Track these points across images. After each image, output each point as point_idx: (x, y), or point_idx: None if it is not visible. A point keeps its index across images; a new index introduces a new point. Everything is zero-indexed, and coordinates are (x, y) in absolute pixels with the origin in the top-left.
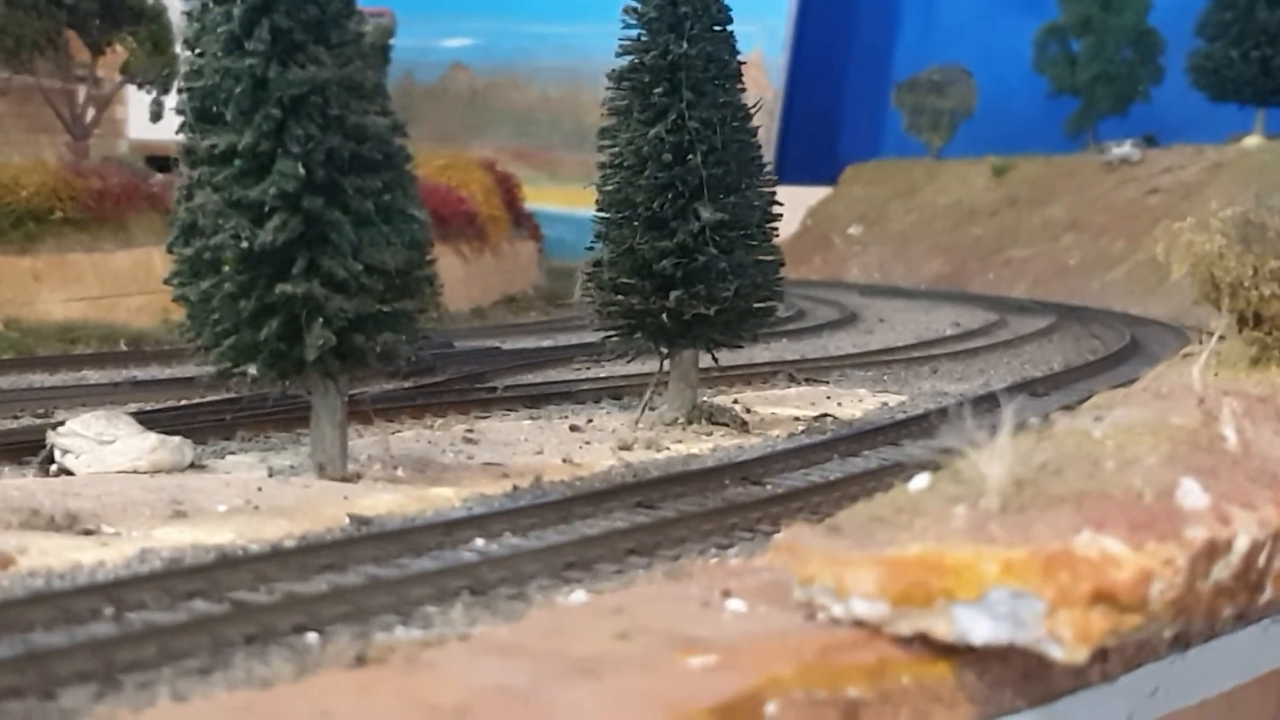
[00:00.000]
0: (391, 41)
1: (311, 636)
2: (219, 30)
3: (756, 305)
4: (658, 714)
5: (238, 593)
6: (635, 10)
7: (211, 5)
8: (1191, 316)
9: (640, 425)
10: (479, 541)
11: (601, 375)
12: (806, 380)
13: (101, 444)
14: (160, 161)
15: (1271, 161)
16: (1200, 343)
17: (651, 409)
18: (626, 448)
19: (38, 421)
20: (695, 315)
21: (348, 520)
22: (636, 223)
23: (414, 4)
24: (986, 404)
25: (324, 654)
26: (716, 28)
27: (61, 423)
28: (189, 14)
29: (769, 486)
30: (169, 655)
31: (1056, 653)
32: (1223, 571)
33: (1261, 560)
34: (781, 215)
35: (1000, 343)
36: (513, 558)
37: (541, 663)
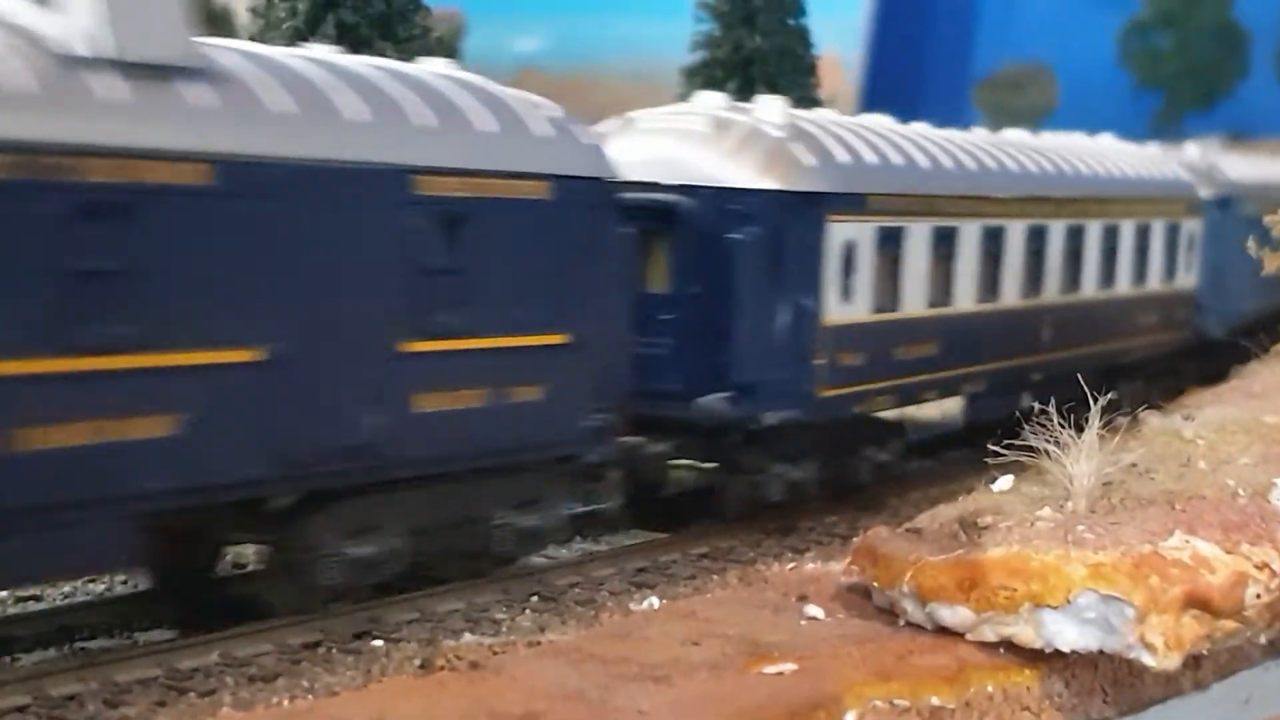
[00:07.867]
0: (461, 44)
1: (377, 643)
2: (284, 26)
3: None
4: None
5: None
6: (708, 4)
7: (277, 1)
8: None
9: None
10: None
11: None
12: None
13: None
14: None
15: None
16: None
17: None
18: None
19: None
20: None
21: None
22: None
23: (484, 5)
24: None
25: (390, 661)
26: (790, 21)
27: None
28: (254, 10)
29: None
30: (232, 662)
31: (1148, 660)
32: None
33: None
34: None
35: None
36: (583, 563)
37: (611, 669)
